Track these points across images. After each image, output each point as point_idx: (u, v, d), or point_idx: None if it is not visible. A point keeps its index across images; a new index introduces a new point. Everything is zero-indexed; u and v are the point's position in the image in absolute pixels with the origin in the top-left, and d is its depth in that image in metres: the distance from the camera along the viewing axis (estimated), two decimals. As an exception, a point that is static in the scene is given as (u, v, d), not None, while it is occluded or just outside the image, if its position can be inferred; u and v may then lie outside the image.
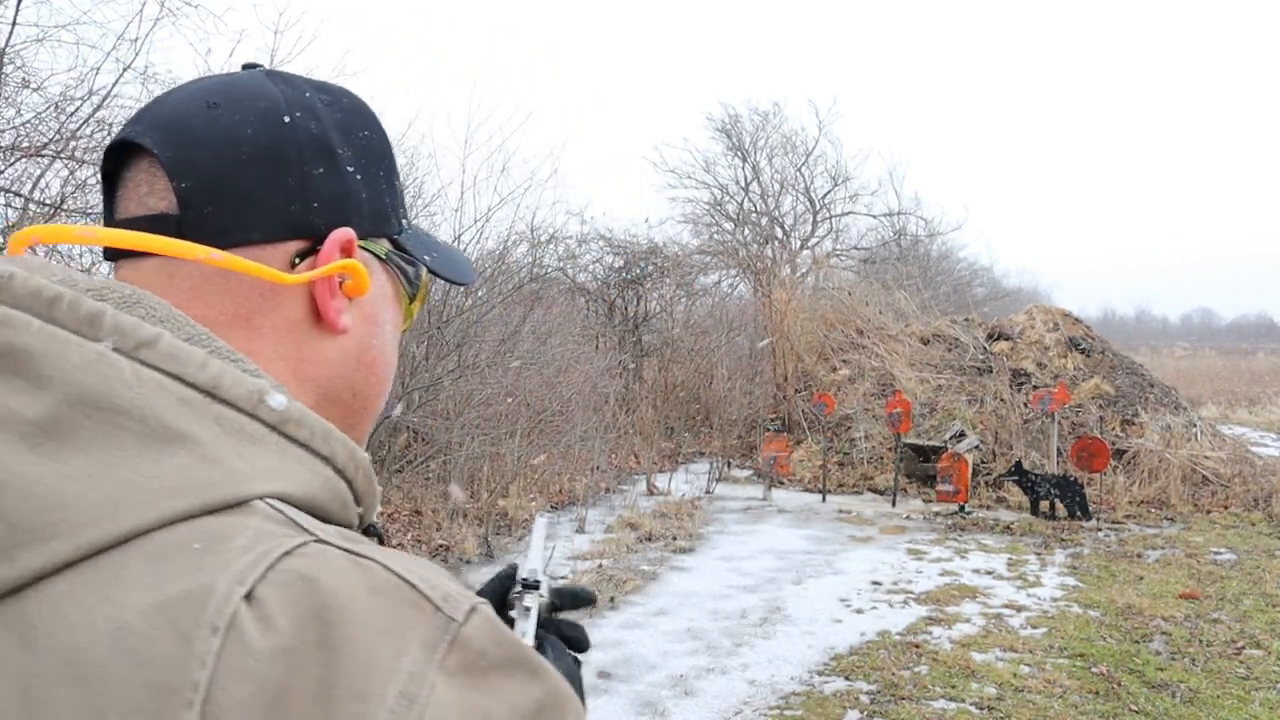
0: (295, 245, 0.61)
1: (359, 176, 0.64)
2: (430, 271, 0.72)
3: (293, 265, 0.61)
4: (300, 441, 0.53)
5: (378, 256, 0.66)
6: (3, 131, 4.66)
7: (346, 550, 0.46)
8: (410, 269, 0.70)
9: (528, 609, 0.73)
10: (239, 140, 0.59)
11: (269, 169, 0.60)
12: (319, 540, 0.46)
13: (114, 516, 0.45)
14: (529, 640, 0.71)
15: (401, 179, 0.71)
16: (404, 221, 0.70)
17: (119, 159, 0.62)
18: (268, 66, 0.67)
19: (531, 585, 0.74)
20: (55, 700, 0.41)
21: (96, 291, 0.51)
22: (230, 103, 0.61)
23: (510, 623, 0.73)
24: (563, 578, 6.04)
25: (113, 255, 0.60)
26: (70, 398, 0.47)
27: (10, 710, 0.42)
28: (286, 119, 0.61)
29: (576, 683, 0.72)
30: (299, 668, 0.41)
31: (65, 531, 0.44)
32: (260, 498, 0.49)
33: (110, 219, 0.60)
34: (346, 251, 0.62)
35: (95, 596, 0.44)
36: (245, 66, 0.67)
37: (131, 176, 0.61)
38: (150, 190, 0.59)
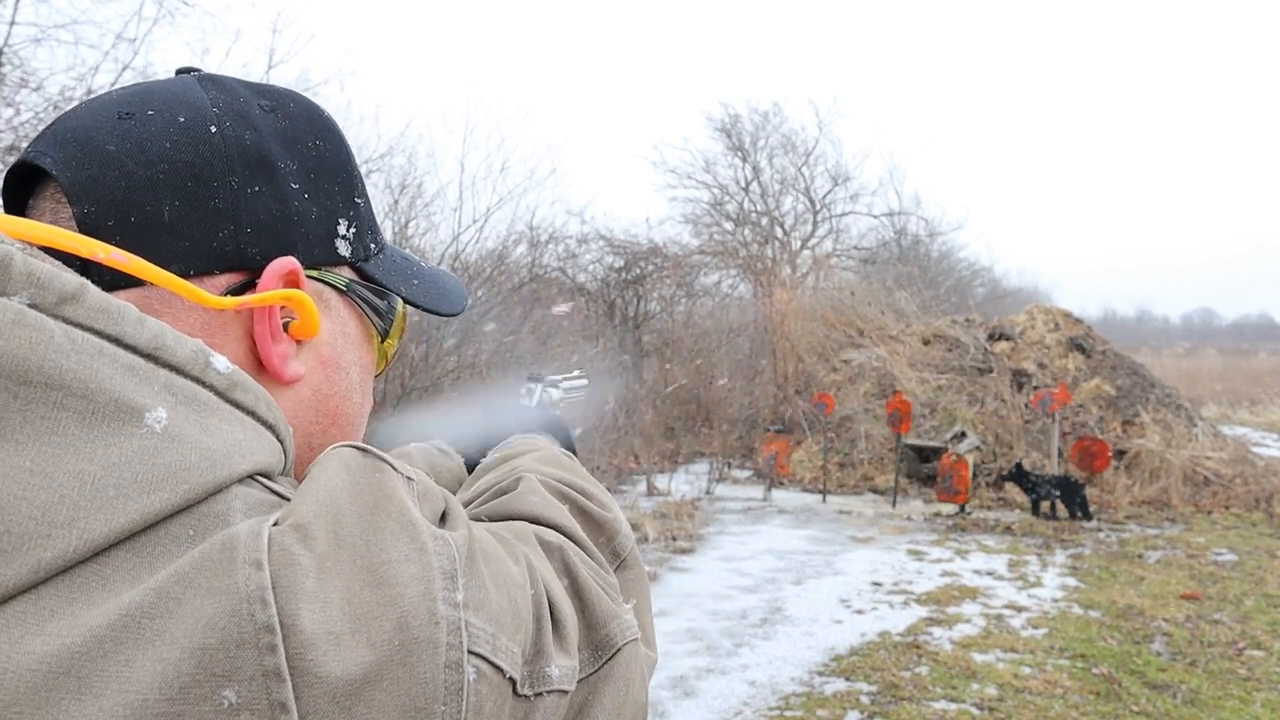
0: (226, 280, 0.51)
1: (306, 195, 0.54)
2: (408, 303, 0.63)
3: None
4: (248, 408, 0.45)
5: (336, 289, 0.57)
6: (1, 132, 4.65)
7: None
8: (381, 302, 0.60)
9: (530, 391, 1.08)
10: (154, 156, 0.49)
11: (190, 189, 0.50)
12: None
13: (76, 523, 0.36)
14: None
15: (368, 194, 0.61)
16: (372, 245, 0.60)
17: (25, 188, 0.51)
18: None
19: (535, 379, 1.09)
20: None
21: None
22: (146, 112, 0.51)
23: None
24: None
25: None
26: None
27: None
28: (213, 129, 0.51)
29: (565, 428, 0.92)
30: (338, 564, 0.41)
31: (8, 548, 0.35)
32: (242, 479, 0.42)
33: None
34: (291, 284, 0.52)
35: (73, 606, 0.36)
36: (179, 71, 0.56)
37: (36, 205, 0.51)
38: (54, 221, 0.49)
